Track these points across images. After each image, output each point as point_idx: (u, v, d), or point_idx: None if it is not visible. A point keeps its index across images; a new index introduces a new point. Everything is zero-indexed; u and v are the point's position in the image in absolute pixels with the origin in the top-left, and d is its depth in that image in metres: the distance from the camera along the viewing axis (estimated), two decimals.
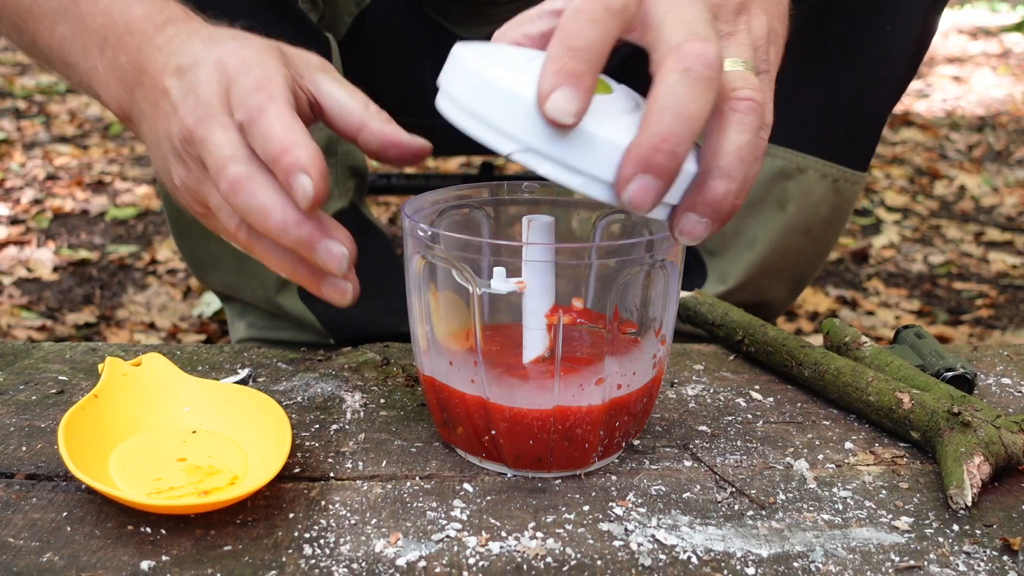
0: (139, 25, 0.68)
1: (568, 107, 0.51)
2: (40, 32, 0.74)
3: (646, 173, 0.52)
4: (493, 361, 0.60)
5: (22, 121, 3.09)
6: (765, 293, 1.11)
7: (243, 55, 0.61)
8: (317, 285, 0.61)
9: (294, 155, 0.56)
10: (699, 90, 0.52)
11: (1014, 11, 5.39)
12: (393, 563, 0.54)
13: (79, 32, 0.71)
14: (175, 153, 0.63)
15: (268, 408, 0.64)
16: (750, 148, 0.55)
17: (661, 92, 0.52)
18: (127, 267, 2.03)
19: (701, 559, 0.55)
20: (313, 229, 0.57)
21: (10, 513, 0.58)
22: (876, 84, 1.03)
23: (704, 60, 0.52)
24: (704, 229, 0.55)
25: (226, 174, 0.59)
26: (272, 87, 0.59)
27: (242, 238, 0.62)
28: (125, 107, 0.69)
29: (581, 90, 0.51)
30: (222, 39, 0.64)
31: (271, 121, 0.58)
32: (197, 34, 0.65)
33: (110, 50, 0.69)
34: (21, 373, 0.75)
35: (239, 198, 0.59)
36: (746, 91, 0.55)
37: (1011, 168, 2.88)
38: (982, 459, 0.61)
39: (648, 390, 0.63)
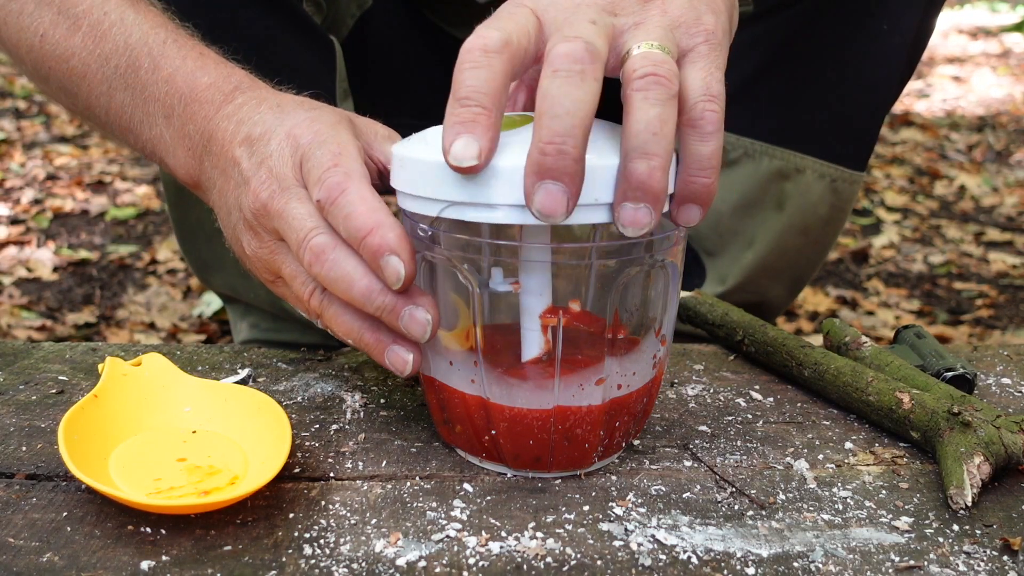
0: (206, 94, 0.69)
1: (467, 152, 0.53)
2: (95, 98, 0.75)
3: (543, 179, 0.52)
4: (493, 361, 0.60)
5: (22, 121, 3.09)
6: (764, 293, 1.11)
7: (314, 128, 0.63)
8: (381, 353, 0.62)
9: (381, 236, 0.58)
10: (570, 84, 0.53)
11: (1014, 11, 5.39)
12: (393, 563, 0.54)
13: (140, 100, 0.72)
14: (246, 224, 0.65)
15: (268, 408, 0.64)
16: (660, 120, 0.54)
17: (538, 99, 0.53)
18: (127, 267, 2.03)
19: (701, 559, 0.55)
20: (398, 295, 0.59)
21: (10, 513, 0.58)
22: (874, 84, 1.03)
23: (571, 56, 0.53)
24: (645, 215, 0.55)
25: (309, 245, 0.60)
26: (348, 162, 0.60)
27: (314, 304, 0.63)
28: (194, 175, 0.71)
29: (477, 133, 0.53)
30: (291, 108, 0.65)
31: (352, 200, 0.59)
32: (266, 102, 0.67)
33: (177, 119, 0.70)
34: (21, 373, 0.76)
35: (323, 268, 0.60)
36: (645, 68, 0.55)
37: (1011, 168, 2.88)
38: (982, 459, 0.61)
39: (648, 390, 0.63)
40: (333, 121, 0.64)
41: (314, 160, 0.61)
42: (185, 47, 0.72)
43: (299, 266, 0.63)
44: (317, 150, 0.61)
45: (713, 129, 0.57)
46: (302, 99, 0.68)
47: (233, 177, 0.66)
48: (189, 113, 0.69)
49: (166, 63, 0.71)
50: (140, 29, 0.73)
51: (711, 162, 0.57)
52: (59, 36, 0.75)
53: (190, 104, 0.69)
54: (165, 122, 0.71)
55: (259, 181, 0.63)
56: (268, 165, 0.63)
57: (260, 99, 0.67)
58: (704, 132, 0.57)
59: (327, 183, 0.60)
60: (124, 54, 0.72)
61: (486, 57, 0.54)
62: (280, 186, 0.62)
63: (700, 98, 0.57)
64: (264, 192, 0.62)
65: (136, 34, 0.73)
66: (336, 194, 0.59)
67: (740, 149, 1.04)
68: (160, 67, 0.71)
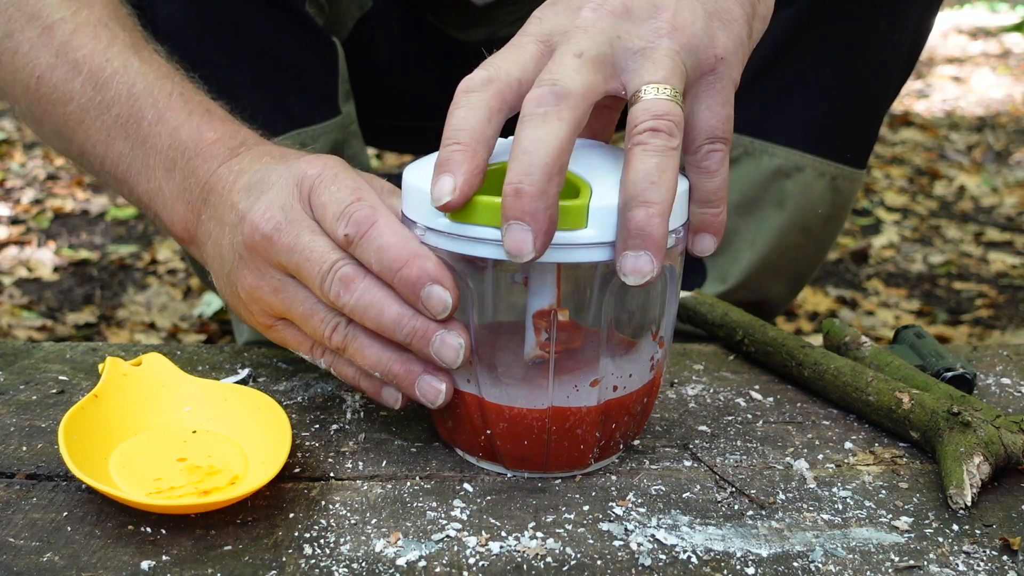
0: (211, 149, 0.68)
1: (442, 190, 0.54)
2: (92, 145, 0.74)
3: (512, 220, 0.53)
4: (490, 361, 0.60)
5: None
6: (765, 292, 1.11)
7: (321, 162, 0.62)
8: (411, 384, 0.61)
9: (420, 267, 0.58)
10: (531, 127, 0.54)
11: (1014, 11, 5.39)
12: (393, 563, 0.54)
13: (141, 152, 0.71)
14: (243, 261, 0.63)
15: (268, 408, 0.64)
16: (658, 169, 0.54)
17: (513, 143, 0.54)
18: (127, 267, 2.03)
19: (701, 559, 0.55)
20: (429, 320, 0.59)
21: (10, 513, 0.58)
22: (873, 82, 1.03)
23: (534, 101, 0.54)
24: (647, 263, 0.54)
25: (338, 276, 0.60)
26: (370, 196, 0.60)
27: (337, 340, 0.62)
28: (191, 229, 0.70)
29: (452, 169, 0.54)
30: (294, 157, 0.65)
31: (383, 232, 0.59)
32: (269, 155, 0.66)
33: (178, 173, 0.69)
34: (21, 373, 0.76)
35: (352, 296, 0.59)
36: (645, 123, 0.55)
37: (1011, 168, 2.88)
38: (982, 459, 0.61)
39: (646, 392, 0.63)
40: (340, 162, 0.63)
41: (329, 195, 0.60)
42: (192, 101, 0.71)
43: (316, 302, 0.62)
44: (331, 184, 0.61)
45: (717, 167, 0.58)
46: (304, 153, 0.67)
47: (229, 221, 0.64)
48: (192, 168, 0.68)
49: (171, 116, 0.70)
50: (145, 79, 0.72)
51: (718, 195, 0.59)
52: (57, 80, 0.73)
53: (193, 159, 0.68)
54: (165, 175, 0.70)
55: (259, 213, 0.61)
56: (269, 197, 0.62)
57: (264, 152, 0.67)
58: (710, 172, 0.59)
59: (354, 217, 0.59)
60: (127, 103, 0.71)
61: (467, 96, 0.56)
62: (286, 218, 0.61)
63: (705, 141, 0.58)
64: (266, 224, 0.61)
65: (140, 84, 0.71)
66: (366, 227, 0.59)
67: (740, 147, 1.04)
68: (165, 120, 0.70)
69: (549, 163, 0.53)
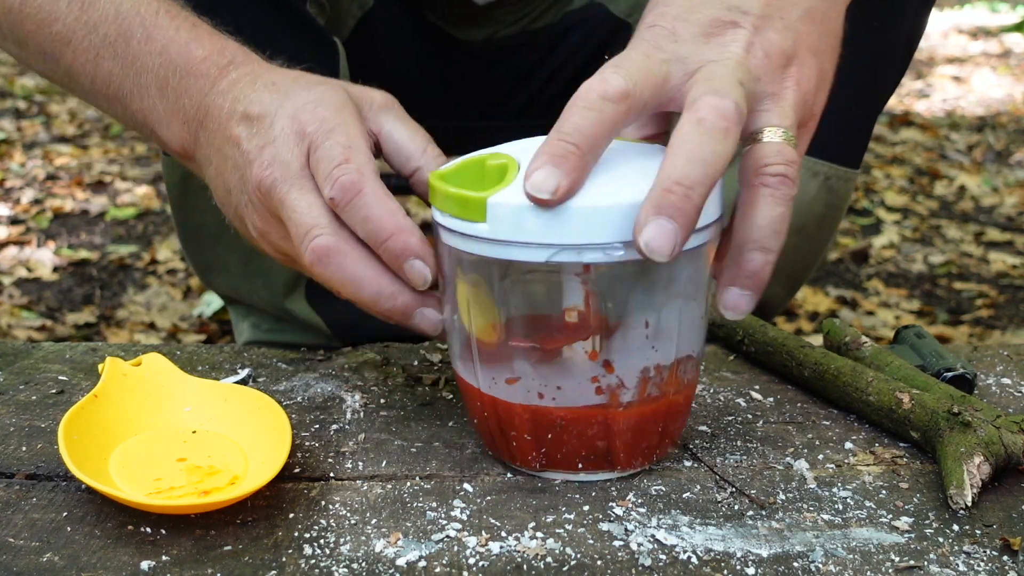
0: (201, 67, 0.68)
1: (546, 184, 0.53)
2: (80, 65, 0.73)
3: (660, 214, 0.52)
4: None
5: (22, 121, 3.09)
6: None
7: (319, 114, 0.62)
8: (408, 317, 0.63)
9: (404, 241, 0.59)
10: (712, 137, 0.53)
11: (1014, 11, 5.39)
12: (393, 563, 0.54)
13: (132, 71, 0.71)
14: (251, 204, 0.64)
15: (268, 408, 0.64)
16: (782, 220, 0.57)
17: (675, 140, 0.54)
18: (127, 267, 2.03)
19: (701, 559, 0.55)
20: (408, 300, 0.60)
21: (10, 513, 0.58)
22: (867, 82, 1.03)
23: (718, 111, 0.54)
24: (748, 302, 0.58)
25: (311, 245, 0.60)
26: (359, 157, 0.60)
27: None
28: (189, 149, 0.70)
29: (563, 169, 0.53)
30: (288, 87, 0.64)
31: (369, 202, 0.59)
32: (260, 79, 0.66)
33: (171, 92, 0.69)
34: (21, 373, 0.75)
35: (326, 270, 0.61)
36: (779, 167, 0.56)
37: (1011, 168, 2.88)
38: (982, 459, 0.61)
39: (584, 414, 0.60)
40: (337, 104, 0.63)
41: (323, 151, 0.61)
42: (178, 18, 0.71)
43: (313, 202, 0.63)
44: (325, 140, 0.61)
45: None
46: (296, 74, 0.67)
47: (232, 157, 0.65)
48: (184, 87, 0.68)
49: (159, 34, 0.70)
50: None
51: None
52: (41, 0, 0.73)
53: (185, 78, 0.68)
54: (159, 94, 0.70)
55: (262, 165, 0.62)
56: (272, 150, 0.62)
57: (255, 75, 0.66)
58: None
59: (340, 181, 0.59)
60: (114, 22, 0.71)
61: (601, 103, 0.54)
62: (284, 173, 0.62)
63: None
64: (268, 177, 0.62)
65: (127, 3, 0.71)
66: (351, 195, 0.59)
67: None
68: (153, 38, 0.70)
69: (716, 180, 0.54)
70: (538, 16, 1.10)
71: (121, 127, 3.06)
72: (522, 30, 1.10)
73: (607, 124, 0.54)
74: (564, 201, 0.54)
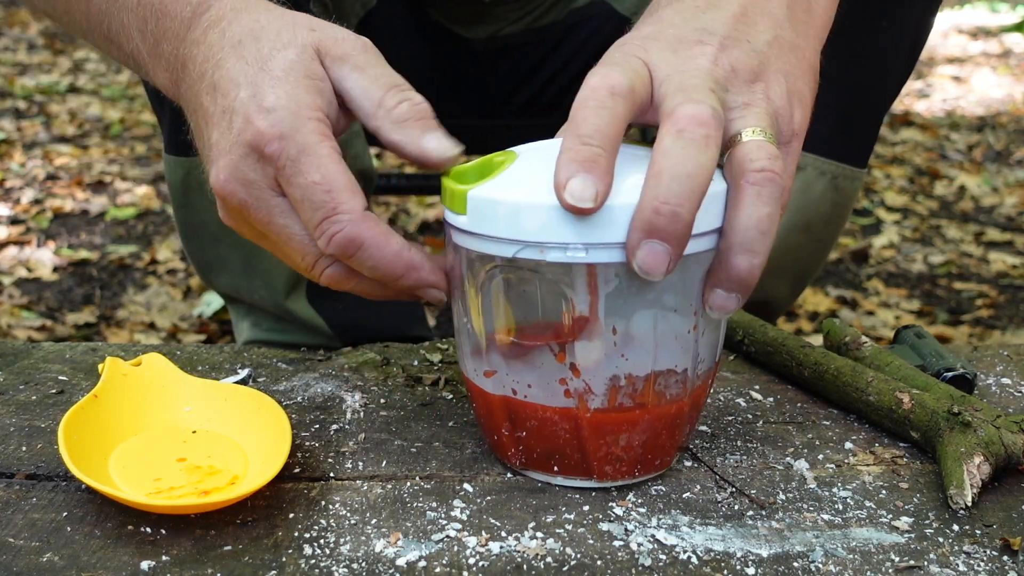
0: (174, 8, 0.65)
1: (586, 192, 0.52)
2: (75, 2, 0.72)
3: (651, 238, 0.52)
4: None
5: (22, 121, 3.10)
6: (767, 291, 1.11)
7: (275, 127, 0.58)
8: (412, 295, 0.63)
9: (416, 278, 0.60)
10: (694, 148, 0.53)
11: (1014, 11, 5.39)
12: (393, 563, 0.54)
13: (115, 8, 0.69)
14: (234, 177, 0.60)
15: (268, 408, 0.64)
16: (769, 220, 0.55)
17: (657, 156, 0.53)
18: (127, 267, 2.03)
19: (701, 559, 0.55)
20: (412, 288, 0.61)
21: (10, 513, 0.58)
22: (874, 81, 1.03)
23: (696, 119, 0.53)
24: (734, 303, 0.57)
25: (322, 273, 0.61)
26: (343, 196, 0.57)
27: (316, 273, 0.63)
28: (173, 94, 0.67)
29: (597, 175, 0.53)
30: (252, 56, 0.60)
31: (373, 254, 0.58)
32: (230, 31, 0.62)
33: (150, 35, 0.67)
34: (21, 373, 0.76)
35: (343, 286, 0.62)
36: (761, 161, 0.55)
37: (1011, 168, 2.88)
38: (982, 459, 0.61)
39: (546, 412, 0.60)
40: (295, 103, 0.58)
41: (299, 190, 0.58)
42: None
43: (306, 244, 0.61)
44: (296, 176, 0.57)
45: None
46: (260, 29, 0.61)
47: (204, 128, 0.62)
48: (162, 30, 0.66)
49: None
50: None
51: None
52: None
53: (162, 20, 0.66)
54: (140, 36, 0.68)
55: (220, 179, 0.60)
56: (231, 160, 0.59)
57: (226, 23, 0.62)
58: None
59: (336, 240, 0.58)
60: None
61: (612, 100, 0.54)
62: (250, 194, 0.59)
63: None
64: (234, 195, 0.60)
65: None
66: (352, 250, 0.58)
67: None
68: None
69: (704, 191, 0.53)
70: (542, 14, 1.10)
71: (120, 127, 3.06)
72: (526, 28, 1.10)
73: (620, 120, 0.54)
74: (601, 206, 0.53)
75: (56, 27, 0.93)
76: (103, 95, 3.48)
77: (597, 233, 0.54)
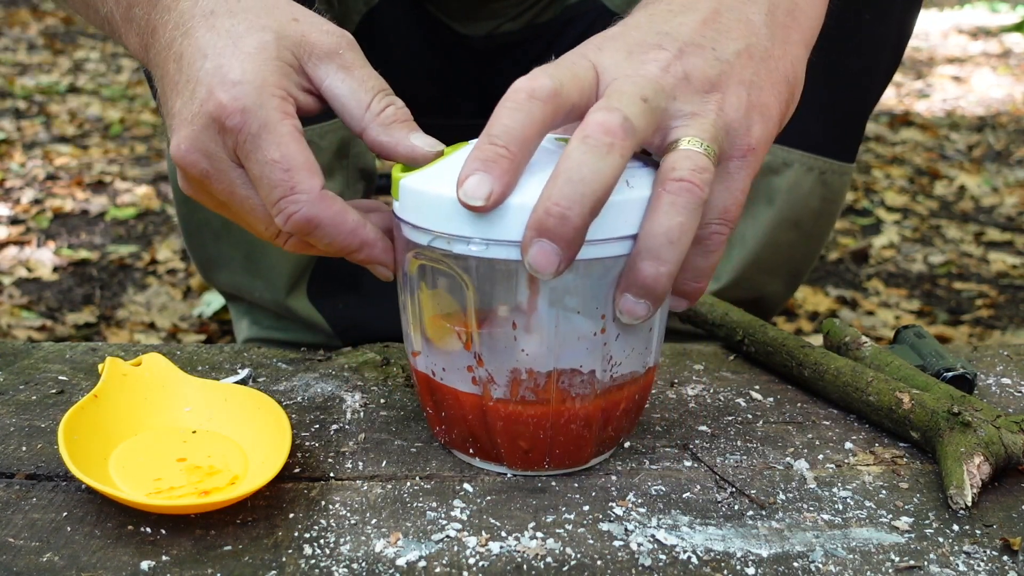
0: None
1: (478, 192, 0.53)
2: None
3: (541, 237, 0.53)
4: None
5: (22, 121, 3.09)
6: (760, 289, 1.11)
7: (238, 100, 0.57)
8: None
9: (368, 254, 0.61)
10: (594, 155, 0.52)
11: (1014, 11, 5.39)
12: (393, 563, 0.54)
13: None
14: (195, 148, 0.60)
15: (268, 408, 0.64)
16: (680, 230, 0.54)
17: (561, 159, 0.53)
18: (127, 267, 2.03)
19: (701, 559, 0.55)
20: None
21: (10, 513, 0.58)
22: (859, 75, 1.03)
23: (603, 127, 0.53)
24: (644, 309, 0.56)
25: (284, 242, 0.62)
26: (300, 176, 0.58)
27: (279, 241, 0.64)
28: (143, 59, 0.67)
29: (494, 174, 0.53)
30: (224, 28, 0.59)
31: (329, 232, 0.59)
32: (198, 5, 0.61)
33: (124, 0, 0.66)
34: (21, 373, 0.75)
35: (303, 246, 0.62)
36: (683, 171, 0.55)
37: (1011, 168, 2.88)
38: (982, 459, 0.61)
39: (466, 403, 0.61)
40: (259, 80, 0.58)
41: (257, 168, 0.58)
42: None
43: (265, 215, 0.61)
44: (255, 151, 0.58)
45: (716, 248, 0.58)
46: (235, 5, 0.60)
47: (167, 94, 0.61)
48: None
49: None
50: None
51: (708, 272, 0.59)
52: None
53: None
54: (113, 1, 0.67)
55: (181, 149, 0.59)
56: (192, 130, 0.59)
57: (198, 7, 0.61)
58: (708, 250, 0.58)
59: (294, 220, 0.58)
60: None
61: (529, 103, 0.54)
62: (212, 165, 0.60)
63: (715, 219, 0.58)
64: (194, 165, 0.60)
65: None
66: (309, 229, 0.59)
67: None
68: None
69: (600, 198, 0.53)
70: (540, 11, 1.10)
71: (120, 127, 3.06)
72: (525, 25, 1.10)
73: (536, 124, 0.54)
74: (497, 206, 0.54)
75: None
76: (103, 95, 3.48)
77: (497, 230, 0.55)
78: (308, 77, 0.61)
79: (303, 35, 0.61)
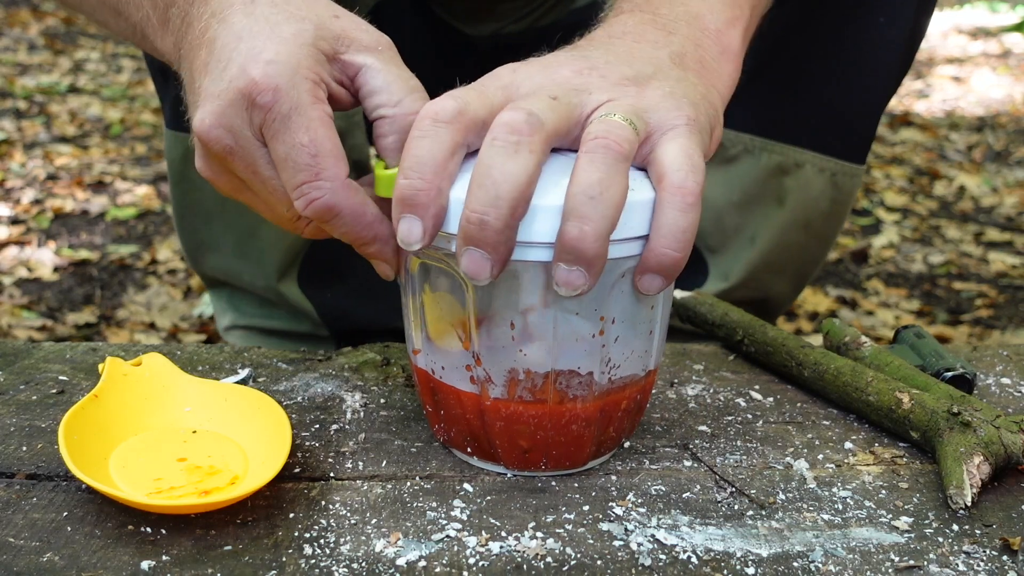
0: None
1: (411, 236, 0.54)
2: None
3: (468, 244, 0.53)
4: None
5: (22, 121, 3.09)
6: (768, 289, 1.11)
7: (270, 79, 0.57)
8: None
9: (379, 250, 0.61)
10: (502, 155, 0.52)
11: (1014, 11, 5.39)
12: (393, 563, 0.54)
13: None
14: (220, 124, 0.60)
15: (268, 408, 0.64)
16: (600, 185, 0.52)
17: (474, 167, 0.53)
18: (127, 267, 2.03)
19: (701, 559, 0.55)
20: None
21: (10, 513, 0.58)
22: (871, 77, 1.03)
23: (508, 126, 0.53)
24: (579, 278, 0.53)
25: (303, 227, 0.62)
26: (327, 163, 0.58)
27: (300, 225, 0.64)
28: (174, 59, 0.67)
29: (418, 213, 0.54)
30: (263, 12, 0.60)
31: (347, 221, 0.59)
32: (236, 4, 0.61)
33: (163, 1, 0.66)
34: (21, 373, 0.76)
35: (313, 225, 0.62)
36: (596, 131, 0.54)
37: (1011, 168, 2.88)
38: (982, 459, 0.61)
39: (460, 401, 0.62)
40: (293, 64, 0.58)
41: (283, 149, 0.58)
42: None
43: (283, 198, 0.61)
44: (283, 131, 0.57)
45: (693, 201, 0.55)
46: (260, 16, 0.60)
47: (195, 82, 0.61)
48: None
49: None
50: None
51: (686, 235, 0.55)
52: None
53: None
54: (151, 4, 0.67)
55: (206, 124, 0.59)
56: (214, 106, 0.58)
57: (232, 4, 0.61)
58: (684, 203, 0.54)
59: (315, 206, 0.58)
60: None
61: (435, 127, 0.54)
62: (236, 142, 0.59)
63: (681, 167, 0.55)
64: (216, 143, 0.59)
65: None
66: (328, 217, 0.59)
67: (739, 145, 1.04)
68: None
69: (516, 197, 0.52)
70: (544, 14, 1.10)
71: (121, 127, 3.06)
72: (528, 27, 1.10)
73: (444, 146, 0.54)
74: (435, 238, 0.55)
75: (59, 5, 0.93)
76: (103, 95, 3.48)
77: None
78: (343, 68, 0.61)
79: (344, 30, 0.61)
